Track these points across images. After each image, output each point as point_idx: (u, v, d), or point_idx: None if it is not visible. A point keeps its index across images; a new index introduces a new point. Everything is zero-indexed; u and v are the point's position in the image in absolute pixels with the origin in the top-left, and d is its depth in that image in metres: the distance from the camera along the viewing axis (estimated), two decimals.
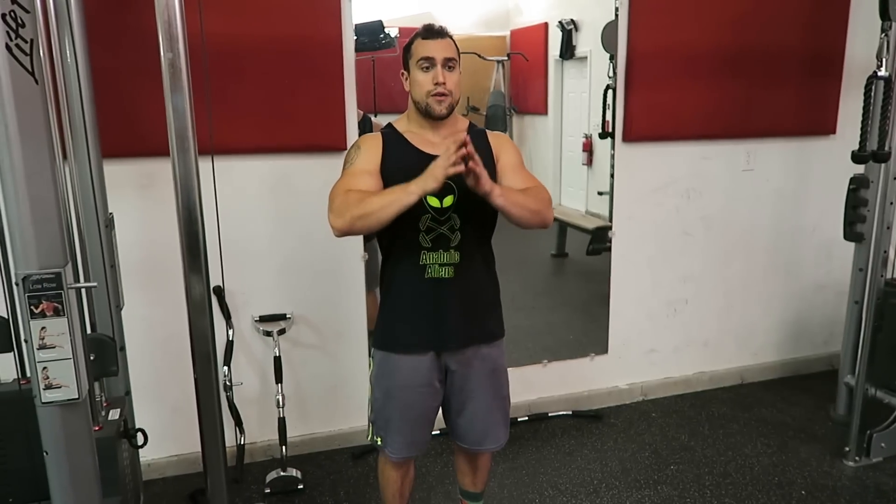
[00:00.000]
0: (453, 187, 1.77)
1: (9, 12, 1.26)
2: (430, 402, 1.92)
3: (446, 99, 1.80)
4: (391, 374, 1.89)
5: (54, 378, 1.40)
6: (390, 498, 2.08)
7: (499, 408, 2.00)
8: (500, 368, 1.99)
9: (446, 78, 1.79)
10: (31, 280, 1.34)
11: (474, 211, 1.82)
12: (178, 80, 1.71)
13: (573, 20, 4.03)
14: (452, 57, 1.82)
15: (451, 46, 1.83)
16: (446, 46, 1.81)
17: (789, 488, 2.58)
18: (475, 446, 2.00)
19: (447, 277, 1.82)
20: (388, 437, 1.93)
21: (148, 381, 2.54)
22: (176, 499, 2.54)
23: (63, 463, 1.44)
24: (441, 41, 1.81)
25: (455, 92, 1.82)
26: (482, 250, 1.92)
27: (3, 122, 1.28)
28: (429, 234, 1.80)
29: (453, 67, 1.82)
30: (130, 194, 2.39)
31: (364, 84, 5.01)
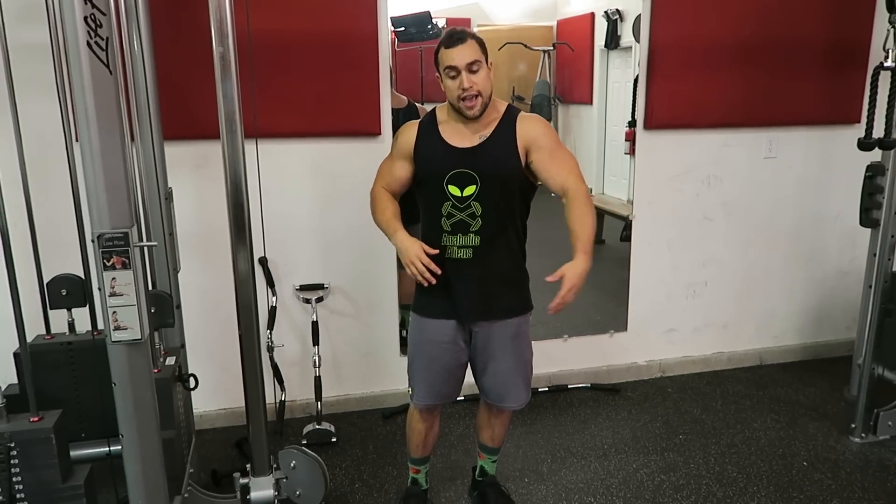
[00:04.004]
0: (475, 177, 1.97)
1: (89, 15, 1.52)
2: (452, 358, 2.13)
3: (477, 100, 1.92)
4: (420, 333, 2.16)
5: (122, 321, 1.67)
6: (414, 447, 2.32)
7: (520, 371, 2.19)
8: (522, 335, 2.17)
9: (472, 81, 1.90)
10: (104, 238, 1.61)
11: (496, 200, 2.00)
12: (228, 71, 1.95)
13: (618, 10, 4.14)
14: (475, 60, 1.90)
15: (472, 49, 1.90)
16: (467, 51, 1.89)
17: (792, 459, 2.71)
18: (497, 402, 2.22)
19: (465, 258, 2.03)
20: (415, 386, 2.19)
21: (200, 342, 2.82)
22: (224, 445, 2.84)
23: (128, 394, 1.72)
24: (462, 47, 1.89)
25: (485, 89, 1.93)
26: (506, 234, 2.05)
27: (83, 107, 1.55)
28: (450, 220, 2.02)
29: (478, 69, 1.91)
30: (187, 172, 2.68)
31: (412, 74, 5.25)
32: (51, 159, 2.15)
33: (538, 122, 2.04)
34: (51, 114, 2.22)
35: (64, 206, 2.15)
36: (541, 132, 2.00)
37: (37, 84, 2.14)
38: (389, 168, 2.15)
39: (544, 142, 1.99)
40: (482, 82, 1.92)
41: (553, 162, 1.98)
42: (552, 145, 1.99)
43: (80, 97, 1.54)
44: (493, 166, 1.98)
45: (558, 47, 5.57)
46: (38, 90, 2.15)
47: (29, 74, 2.12)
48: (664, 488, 2.54)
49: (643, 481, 2.58)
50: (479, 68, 1.91)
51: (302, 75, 2.72)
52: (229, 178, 2.09)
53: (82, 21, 1.51)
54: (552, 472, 2.65)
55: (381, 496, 2.50)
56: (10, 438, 1.68)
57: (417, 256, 1.94)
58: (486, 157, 1.98)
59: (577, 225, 1.94)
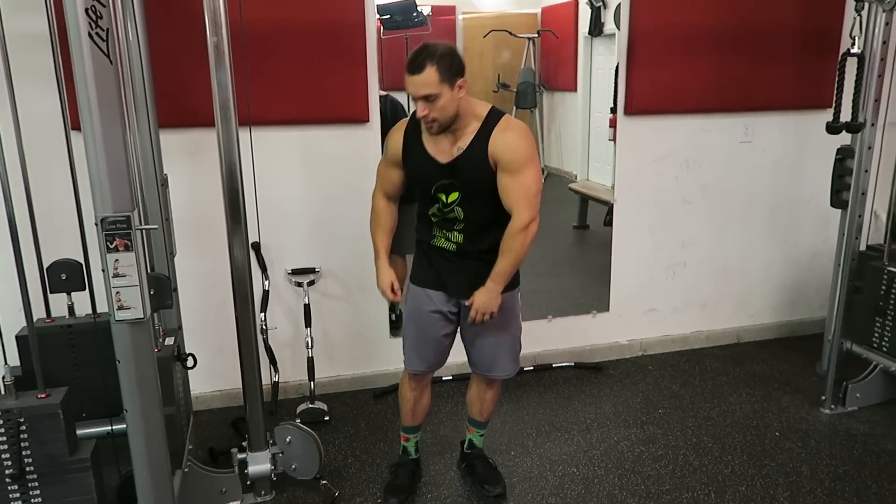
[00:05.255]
0: (457, 186, 2.09)
1: (90, 7, 1.58)
2: (439, 327, 2.26)
3: (434, 124, 2.00)
4: (413, 300, 2.29)
5: (125, 301, 1.75)
6: (404, 414, 2.45)
7: (506, 343, 2.31)
8: (509, 309, 2.26)
9: (427, 109, 1.95)
10: (108, 221, 1.68)
11: (478, 204, 2.11)
12: (222, 60, 2.03)
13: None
14: (429, 94, 1.93)
15: (428, 81, 1.91)
16: (423, 83, 1.92)
17: (765, 430, 2.85)
18: (485, 372, 2.34)
19: (451, 249, 2.18)
20: (406, 353, 2.33)
21: (195, 324, 2.89)
22: (220, 425, 2.93)
23: (131, 370, 1.79)
24: (418, 77, 1.92)
25: (442, 115, 1.97)
26: (489, 230, 2.13)
27: (85, 96, 1.61)
28: (436, 218, 2.17)
29: (434, 99, 1.94)
30: (180, 160, 2.74)
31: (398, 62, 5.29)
32: (47, 148, 2.20)
33: (510, 138, 2.03)
34: (46, 103, 2.28)
35: (60, 193, 2.21)
36: (509, 149, 2.02)
37: (31, 74, 2.19)
38: (386, 173, 2.25)
39: (509, 161, 2.02)
40: (440, 110, 1.96)
41: (510, 183, 2.04)
42: (515, 165, 2.02)
43: (81, 87, 1.61)
44: (471, 179, 2.07)
45: (543, 34, 5.64)
46: (33, 80, 2.19)
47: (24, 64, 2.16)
48: (644, 458, 2.66)
49: (624, 452, 2.70)
50: (435, 98, 1.94)
51: (292, 64, 2.78)
52: (224, 165, 2.17)
53: (83, 13, 1.57)
54: (537, 445, 2.77)
55: (372, 470, 2.60)
56: (20, 414, 1.75)
57: (385, 288, 2.23)
58: (464, 171, 2.07)
59: (500, 257, 2.10)
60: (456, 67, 1.96)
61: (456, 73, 1.96)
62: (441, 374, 3.27)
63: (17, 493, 1.81)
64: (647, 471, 2.58)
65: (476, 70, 5.67)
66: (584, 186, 4.70)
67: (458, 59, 1.98)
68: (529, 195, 2.05)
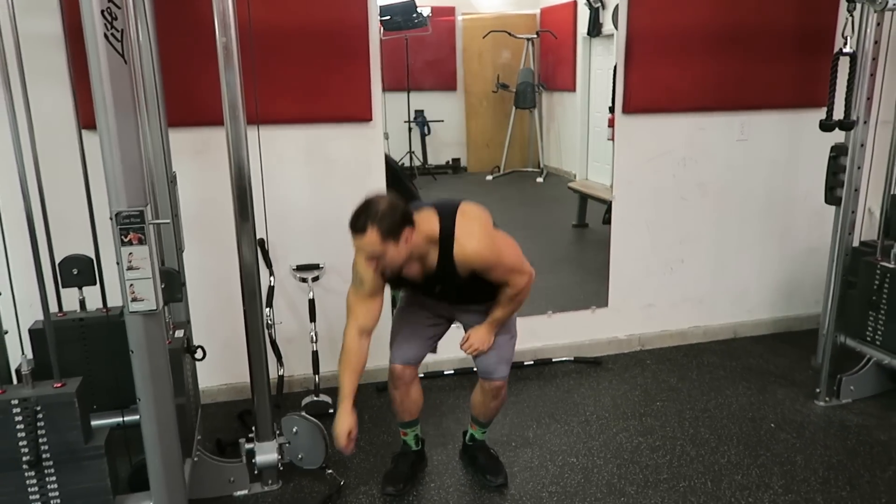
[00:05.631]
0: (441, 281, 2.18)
1: (106, 9, 1.65)
2: (425, 324, 2.37)
3: (386, 271, 2.10)
4: (404, 300, 2.41)
5: (139, 293, 1.81)
6: (397, 412, 2.52)
7: (505, 349, 2.40)
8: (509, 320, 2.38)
9: (376, 263, 2.04)
10: (122, 216, 1.74)
11: (461, 289, 2.22)
12: (230, 61, 2.09)
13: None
14: (373, 254, 2.00)
15: (371, 241, 1.97)
16: (366, 244, 1.98)
17: (760, 422, 2.90)
18: (486, 376, 2.41)
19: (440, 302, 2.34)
20: (393, 346, 2.40)
21: (202, 319, 2.95)
22: (226, 418, 2.99)
23: (145, 360, 1.85)
24: (361, 238, 1.98)
25: (391, 264, 2.04)
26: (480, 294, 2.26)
27: (101, 95, 1.67)
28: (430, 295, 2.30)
29: (380, 255, 2.01)
30: (188, 158, 2.80)
31: (398, 62, 5.36)
32: (56, 147, 2.25)
33: (472, 248, 2.08)
34: (56, 102, 2.34)
35: (70, 190, 2.26)
36: (478, 259, 2.10)
37: (41, 74, 2.23)
38: (361, 306, 2.20)
39: (482, 267, 2.12)
40: (388, 262, 2.03)
41: (494, 274, 2.16)
42: (490, 264, 2.12)
43: (97, 86, 1.67)
44: (451, 281, 2.17)
45: (542, 35, 5.72)
46: (43, 80, 2.24)
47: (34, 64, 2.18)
48: (642, 449, 2.72)
49: (622, 443, 2.76)
50: (381, 255, 2.00)
51: (297, 64, 2.85)
52: (233, 163, 2.23)
53: (99, 14, 1.63)
54: (537, 436, 2.83)
55: (376, 460, 2.66)
56: (37, 402, 1.81)
57: (341, 435, 2.20)
58: (440, 280, 2.18)
59: (497, 308, 2.26)
60: (399, 223, 1.99)
61: (399, 228, 1.99)
62: (443, 368, 3.34)
63: (34, 479, 1.86)
64: (644, 461, 2.64)
65: (475, 70, 5.76)
66: (583, 185, 4.77)
67: (400, 214, 2.00)
68: (515, 268, 2.18)
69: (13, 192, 1.95)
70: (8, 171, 1.96)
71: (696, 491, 2.45)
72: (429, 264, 2.14)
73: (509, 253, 2.17)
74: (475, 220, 2.12)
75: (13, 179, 1.95)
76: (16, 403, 1.81)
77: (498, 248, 2.14)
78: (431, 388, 3.22)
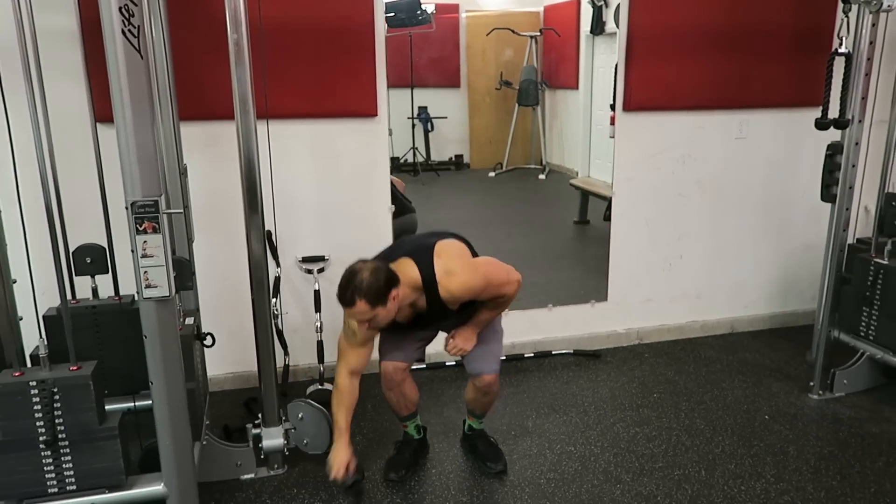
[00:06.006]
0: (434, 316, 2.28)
1: (124, 6, 1.71)
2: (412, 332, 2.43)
3: (380, 325, 2.19)
4: None
5: (152, 280, 1.88)
6: (394, 409, 2.60)
7: (489, 342, 2.47)
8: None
9: (367, 325, 2.16)
10: (137, 205, 1.81)
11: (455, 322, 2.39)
12: (241, 57, 2.16)
13: None
14: (364, 319, 2.12)
15: (360, 311, 2.09)
16: (356, 313, 2.11)
17: (755, 414, 2.97)
18: (474, 373, 2.48)
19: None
20: (383, 348, 2.49)
21: (209, 309, 3.01)
22: (233, 406, 3.06)
23: (157, 345, 1.93)
24: (351, 309, 2.11)
25: (383, 322, 2.16)
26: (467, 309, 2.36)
27: (118, 88, 1.74)
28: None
29: (371, 320, 2.13)
30: (198, 151, 2.87)
31: (402, 58, 5.41)
32: (70, 139, 2.32)
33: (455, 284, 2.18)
34: (70, 96, 2.41)
35: (82, 182, 2.33)
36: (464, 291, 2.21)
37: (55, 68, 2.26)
38: (352, 352, 2.34)
39: (470, 296, 2.23)
40: (379, 322, 2.15)
41: (485, 295, 2.27)
42: (476, 292, 2.23)
43: (115, 80, 1.74)
44: (444, 315, 2.29)
45: (545, 33, 5.77)
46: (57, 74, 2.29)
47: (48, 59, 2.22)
48: (638, 439, 2.78)
49: (619, 433, 2.83)
50: (372, 319, 2.12)
51: (305, 60, 2.91)
52: (243, 157, 2.29)
53: (117, 11, 1.70)
54: (536, 426, 2.89)
55: (379, 447, 2.73)
56: (54, 384, 1.88)
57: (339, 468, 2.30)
58: (431, 320, 2.32)
59: (480, 311, 2.35)
60: (384, 288, 2.09)
61: (386, 292, 2.09)
62: (444, 360, 3.40)
63: (50, 459, 1.94)
64: (640, 450, 2.70)
65: (479, 68, 5.81)
66: (585, 182, 4.82)
67: (385, 279, 2.09)
68: (503, 282, 2.27)
69: (28, 184, 2.02)
70: (23, 164, 2.03)
71: (689, 479, 2.51)
72: (419, 306, 2.25)
73: (494, 273, 2.26)
74: (453, 259, 2.23)
75: (28, 172, 2.02)
76: (33, 385, 1.88)
77: (482, 275, 2.23)
78: (433, 379, 3.29)
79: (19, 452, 1.91)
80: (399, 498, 2.44)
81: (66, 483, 1.96)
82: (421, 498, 2.45)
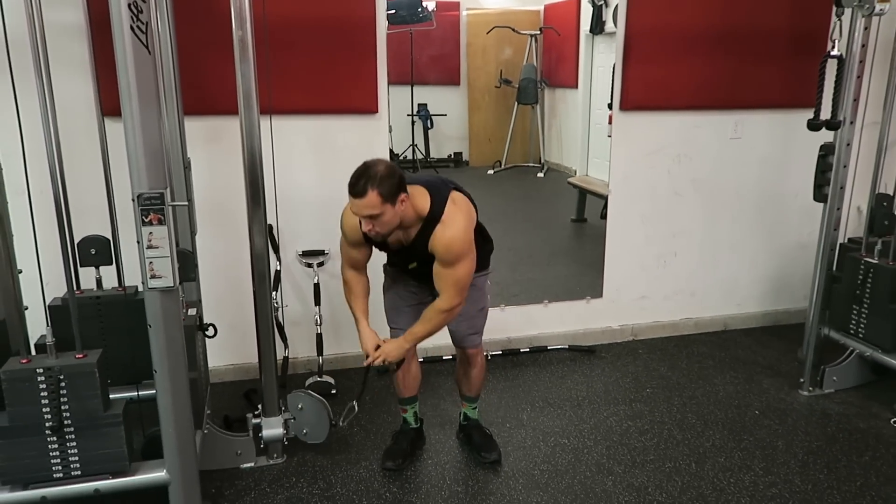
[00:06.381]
0: (414, 259, 2.31)
1: (132, 2, 1.76)
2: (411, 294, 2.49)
3: (377, 236, 2.18)
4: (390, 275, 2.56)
5: (157, 270, 1.92)
6: (397, 387, 2.65)
7: (476, 318, 2.54)
8: (477, 289, 2.47)
9: (370, 226, 2.11)
10: (144, 197, 1.86)
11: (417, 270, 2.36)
12: (246, 53, 2.21)
13: None
14: (372, 213, 2.07)
15: (370, 203, 2.04)
16: (366, 205, 2.05)
17: (745, 409, 3.03)
18: (460, 343, 2.58)
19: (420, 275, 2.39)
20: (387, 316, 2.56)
21: (211, 301, 3.06)
22: (233, 397, 3.11)
23: (161, 334, 1.97)
24: (360, 200, 2.05)
25: (386, 228, 2.13)
26: None
27: (126, 83, 1.78)
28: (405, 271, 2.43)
29: (377, 217, 2.08)
30: (201, 145, 2.91)
31: (402, 56, 5.45)
32: (75, 133, 2.35)
33: (448, 236, 2.18)
34: (75, 90, 2.44)
35: (86, 175, 2.38)
36: (444, 248, 2.19)
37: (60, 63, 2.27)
38: (349, 252, 2.41)
39: (443, 257, 2.21)
40: (383, 225, 2.12)
41: (443, 273, 2.24)
42: (449, 260, 2.21)
43: (123, 75, 1.78)
44: (423, 258, 2.28)
45: (545, 31, 5.81)
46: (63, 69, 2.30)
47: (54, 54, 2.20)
48: (630, 432, 2.84)
49: (612, 426, 2.89)
50: (378, 216, 2.08)
51: (307, 57, 2.96)
52: (246, 152, 2.34)
53: (126, 8, 1.75)
54: (531, 419, 2.95)
55: (377, 438, 2.79)
56: (60, 371, 1.93)
57: (370, 350, 2.40)
58: (415, 253, 2.29)
59: (420, 322, 2.34)
60: (396, 186, 2.07)
61: (397, 191, 2.08)
62: (441, 354, 3.45)
63: (56, 444, 1.98)
64: (633, 443, 2.76)
65: (479, 66, 5.85)
66: (583, 181, 4.87)
67: (398, 178, 2.09)
68: (459, 285, 2.25)
69: (35, 176, 2.06)
70: (31, 157, 2.06)
71: (680, 471, 2.57)
72: (406, 237, 2.26)
73: (467, 265, 2.23)
74: (461, 215, 2.21)
75: (35, 164, 2.06)
76: (41, 372, 1.93)
77: (464, 249, 2.20)
78: (430, 373, 3.34)
79: (26, 438, 1.95)
80: (396, 487, 2.49)
81: (71, 468, 2.01)
82: (417, 487, 2.50)
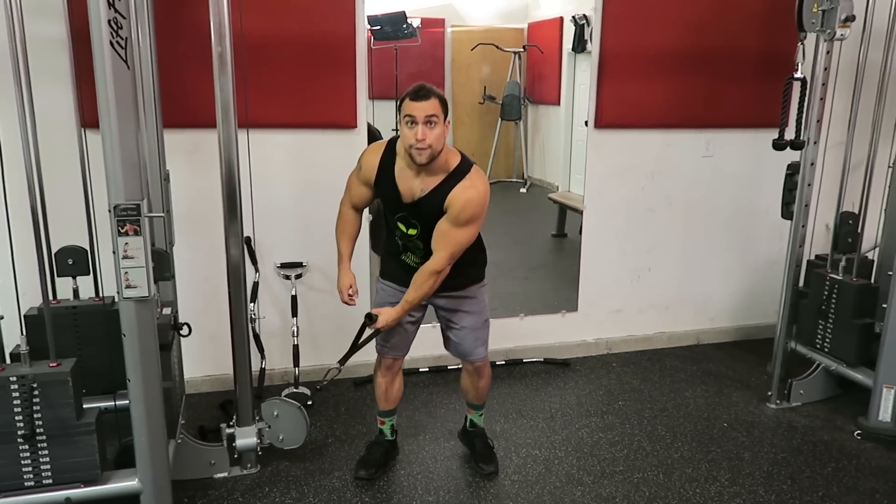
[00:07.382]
0: (417, 224, 2.33)
1: (112, 19, 1.80)
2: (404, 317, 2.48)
3: (425, 151, 2.16)
4: (381, 293, 2.56)
5: (132, 280, 1.96)
6: (379, 399, 2.67)
7: (477, 328, 2.55)
8: (476, 297, 2.52)
9: (426, 134, 2.13)
10: (120, 208, 1.89)
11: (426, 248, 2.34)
12: (225, 67, 2.25)
13: (585, 15, 4.45)
14: (433, 114, 2.13)
15: (433, 105, 2.13)
16: (429, 106, 2.13)
17: (714, 421, 3.09)
18: (464, 357, 2.60)
19: (414, 266, 2.40)
20: (377, 340, 2.56)
21: (188, 313, 3.07)
22: (209, 407, 3.13)
23: (136, 343, 2.00)
24: (425, 102, 2.13)
25: (436, 144, 2.16)
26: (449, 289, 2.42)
27: (105, 97, 1.83)
28: (400, 241, 2.42)
29: (435, 123, 2.13)
30: (180, 158, 2.95)
31: (387, 71, 5.51)
32: (53, 144, 2.38)
33: (469, 196, 2.23)
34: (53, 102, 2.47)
35: (66, 185, 2.40)
36: (460, 205, 2.23)
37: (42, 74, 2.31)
38: (356, 186, 2.45)
39: (456, 215, 2.24)
40: (435, 138, 2.15)
41: (447, 230, 2.27)
42: (461, 220, 2.24)
43: (102, 89, 1.82)
44: (428, 221, 2.31)
45: (529, 49, 5.90)
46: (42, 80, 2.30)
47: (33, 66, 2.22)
48: (601, 444, 2.89)
49: (583, 438, 2.93)
50: (436, 123, 2.14)
51: (286, 72, 3.01)
52: (224, 164, 2.38)
53: (106, 24, 1.79)
54: (504, 430, 2.99)
55: (351, 448, 2.81)
56: (34, 380, 1.95)
57: (344, 290, 2.51)
58: (422, 213, 2.31)
59: (411, 289, 2.36)
60: (447, 109, 2.19)
61: (447, 113, 2.19)
62: (418, 366, 3.49)
63: (28, 453, 2.00)
64: (603, 454, 2.81)
65: (463, 82, 5.93)
66: (563, 196, 4.95)
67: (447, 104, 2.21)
68: (457, 248, 2.29)
69: (13, 186, 2.09)
70: (9, 167, 2.09)
71: (648, 482, 2.62)
72: (424, 186, 2.26)
73: (472, 231, 2.29)
74: (484, 182, 2.29)
75: (13, 174, 2.09)
76: (14, 381, 1.95)
77: (477, 214, 2.26)
78: (406, 384, 3.30)
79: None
80: (368, 497, 2.52)
81: (43, 477, 2.03)
82: (389, 497, 2.53)
